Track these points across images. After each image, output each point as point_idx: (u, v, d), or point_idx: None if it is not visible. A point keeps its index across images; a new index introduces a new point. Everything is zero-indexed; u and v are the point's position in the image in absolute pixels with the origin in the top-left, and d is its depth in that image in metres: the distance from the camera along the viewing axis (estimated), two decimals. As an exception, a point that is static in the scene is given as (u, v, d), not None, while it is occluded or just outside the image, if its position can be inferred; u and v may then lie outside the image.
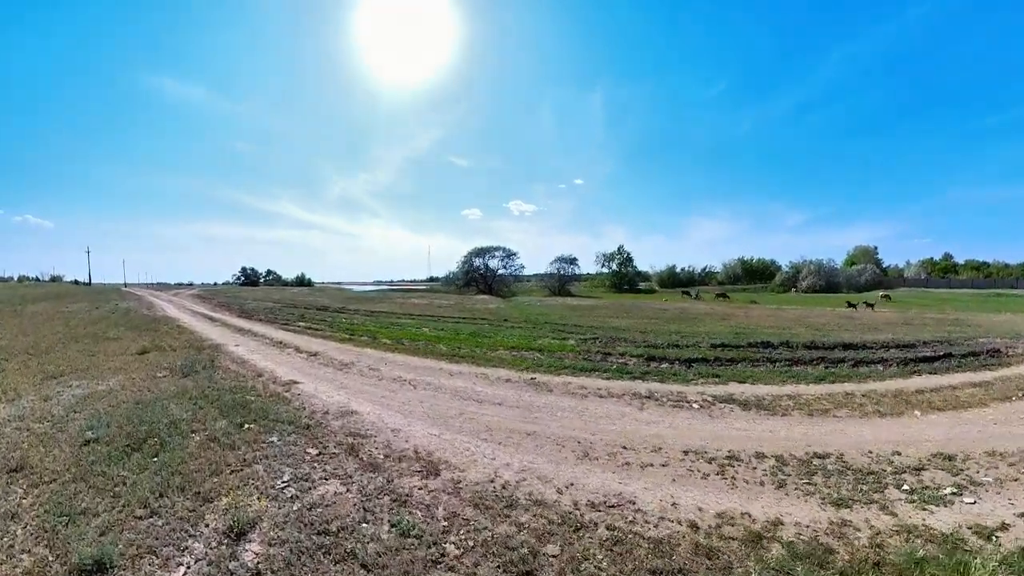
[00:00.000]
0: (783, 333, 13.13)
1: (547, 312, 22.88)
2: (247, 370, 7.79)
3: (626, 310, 25.34)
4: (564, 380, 7.61)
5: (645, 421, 5.51)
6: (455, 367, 8.61)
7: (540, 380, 7.62)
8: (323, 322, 16.14)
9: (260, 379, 7.17)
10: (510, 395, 6.77)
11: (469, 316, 19.70)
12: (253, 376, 7.32)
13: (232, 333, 13.18)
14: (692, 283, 71.24)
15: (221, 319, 17.42)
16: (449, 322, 16.92)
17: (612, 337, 12.39)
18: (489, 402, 6.40)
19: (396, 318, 18.31)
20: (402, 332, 13.35)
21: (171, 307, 23.58)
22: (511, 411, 5.98)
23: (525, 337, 12.91)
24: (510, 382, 7.58)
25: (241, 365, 8.21)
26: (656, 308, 27.80)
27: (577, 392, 6.90)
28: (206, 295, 35.10)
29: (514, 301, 33.25)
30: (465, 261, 53.52)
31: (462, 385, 7.32)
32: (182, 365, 7.80)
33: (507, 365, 8.78)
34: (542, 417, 5.73)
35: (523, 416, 5.77)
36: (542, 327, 15.61)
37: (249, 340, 11.80)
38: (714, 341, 10.98)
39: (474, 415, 5.75)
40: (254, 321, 16.57)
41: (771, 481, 3.82)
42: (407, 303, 28.22)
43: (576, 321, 18.22)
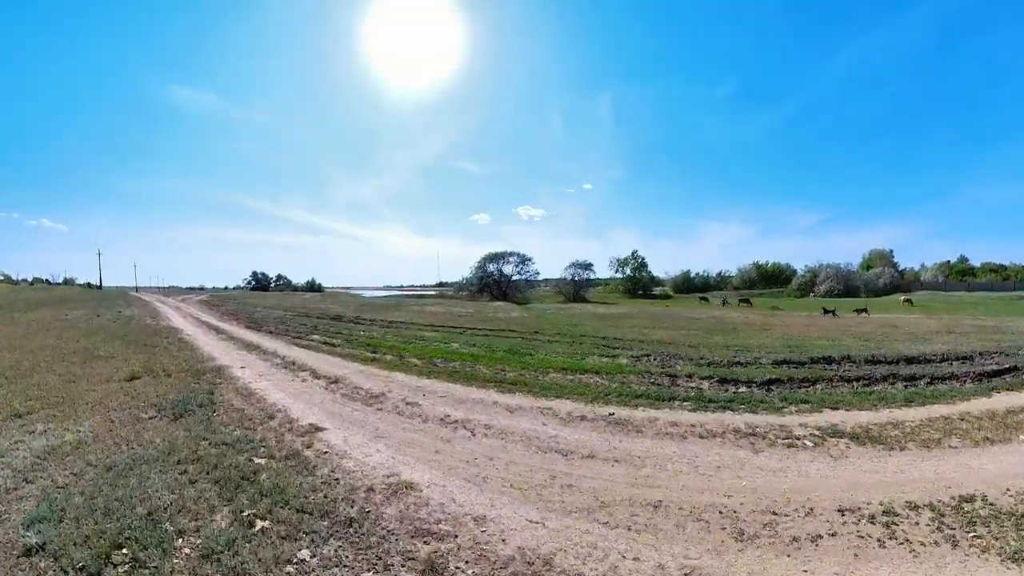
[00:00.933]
0: (836, 345, 12.17)
1: (576, 322, 21.24)
2: (254, 408, 6.22)
3: (658, 319, 23.69)
4: (647, 415, 6.09)
5: (771, 470, 4.50)
6: (510, 399, 7.02)
7: (620, 416, 6.06)
8: (339, 335, 14.62)
9: (271, 423, 5.59)
10: (597, 441, 5.21)
11: (495, 328, 18.11)
12: (262, 418, 5.75)
13: (238, 350, 11.67)
14: (707, 288, 69.95)
15: (228, 331, 15.98)
16: (477, 335, 15.34)
17: (665, 354, 10.94)
18: (577, 454, 4.84)
19: (418, 329, 16.76)
20: (430, 349, 11.78)
21: (177, 315, 22.24)
22: (612, 468, 4.49)
23: (569, 354, 11.41)
24: (586, 420, 6.00)
25: (247, 399, 6.65)
26: (687, 316, 26.13)
27: (672, 432, 5.51)
28: (215, 301, 33.85)
29: (533, 309, 31.64)
30: (479, 267, 52.02)
31: (529, 427, 5.72)
32: (175, 401, 6.26)
33: (569, 394, 7.20)
34: (655, 475, 4.33)
35: (631, 475, 4.32)
36: (580, 341, 14.07)
37: (257, 359, 10.28)
38: (774, 356, 10.00)
39: (569, 478, 4.20)
40: (263, 334, 15.09)
41: (943, 539, 3.29)
42: (424, 311, 26.70)
43: (612, 333, 16.68)
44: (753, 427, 5.61)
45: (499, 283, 50.82)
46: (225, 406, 6.18)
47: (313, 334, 14.71)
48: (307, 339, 13.59)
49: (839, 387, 7.82)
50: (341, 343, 12.81)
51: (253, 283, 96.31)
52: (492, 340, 13.96)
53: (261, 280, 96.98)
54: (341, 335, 14.55)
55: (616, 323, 21.62)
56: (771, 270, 74.87)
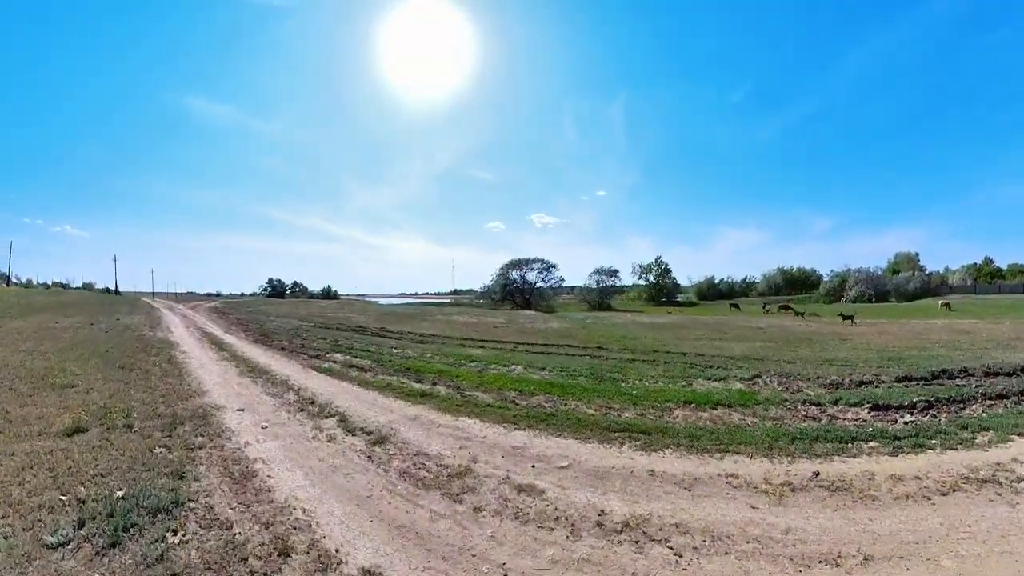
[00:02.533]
0: (931, 356, 11.12)
1: (631, 334, 18.27)
2: (252, 520, 3.38)
3: (717, 329, 20.72)
4: (855, 470, 4.37)
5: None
6: (660, 461, 4.58)
7: (829, 475, 4.23)
8: (366, 353, 11.86)
9: (288, 567, 2.78)
10: (843, 529, 3.28)
11: (545, 341, 15.25)
12: (269, 554, 2.92)
13: (240, 376, 8.93)
14: (732, 294, 67.58)
15: (232, 346, 13.32)
16: (533, 352, 12.48)
17: (774, 373, 9.22)
18: (850, 558, 2.52)
19: (459, 345, 13.95)
20: (491, 376, 8.93)
21: (180, 325, 19.74)
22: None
23: (667, 378, 9.01)
24: (794, 489, 3.97)
25: (240, 493, 3.79)
26: (744, 326, 23.10)
27: (911, 493, 3.86)
28: (226, 309, 31.51)
29: (568, 318, 28.68)
30: (501, 274, 49.19)
31: (740, 518, 3.51)
32: (110, 505, 3.45)
33: (728, 443, 5.13)
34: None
35: None
36: (662, 360, 11.35)
37: (263, 393, 7.51)
38: (887, 372, 9.01)
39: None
40: (274, 350, 12.40)
41: None
42: (453, 322, 23.91)
43: (684, 347, 14.06)
44: (973, 469, 4.34)
45: (522, 290, 47.96)
46: (200, 515, 3.35)
47: (335, 352, 11.97)
48: (328, 359, 10.84)
49: (994, 406, 6.83)
50: (372, 365, 10.03)
51: (269, 290, 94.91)
52: (557, 360, 11.10)
53: (277, 287, 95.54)
54: (369, 353, 11.78)
55: (676, 335, 18.72)
56: (796, 275, 72.01)
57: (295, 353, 11.77)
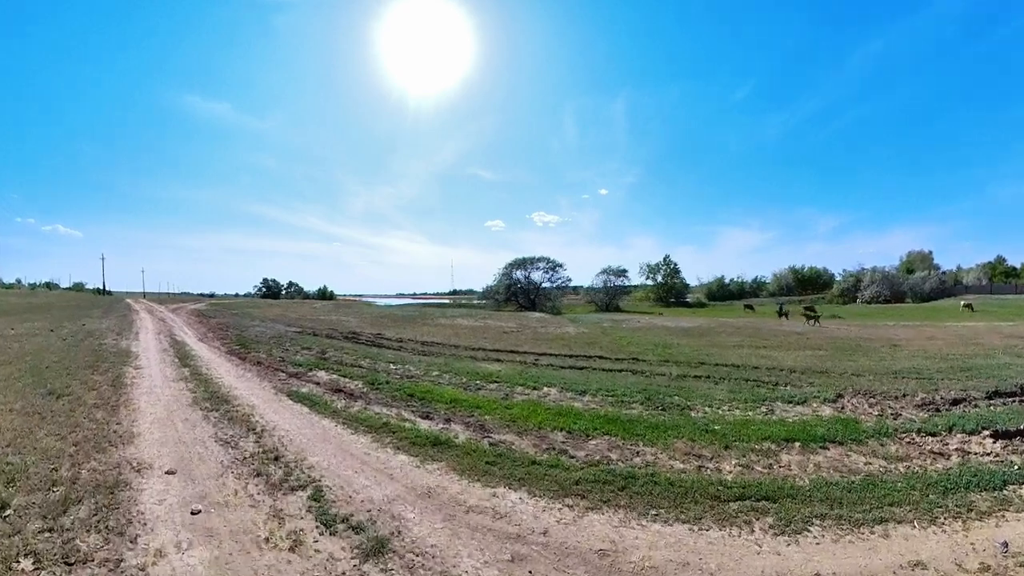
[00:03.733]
0: (1000, 365, 10.22)
1: (662, 341, 16.21)
2: None
3: (753, 334, 18.75)
4: None
5: None
6: (828, 559, 2.98)
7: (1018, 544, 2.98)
8: (359, 369, 9.76)
9: None
10: None
11: (569, 352, 13.18)
12: None
13: (192, 408, 6.79)
14: (743, 295, 66.05)
15: (200, 359, 11.20)
16: (563, 368, 10.40)
17: (857, 391, 7.92)
18: None
19: (469, 357, 11.85)
20: (523, 407, 6.81)
21: (150, 331, 17.57)
22: None
23: (736, 401, 7.38)
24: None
25: None
26: (777, 329, 21.16)
27: None
28: (210, 311, 29.32)
29: (582, 321, 26.60)
30: (504, 273, 47.04)
31: None
32: None
33: (876, 510, 3.78)
34: None
35: None
36: (709, 373, 9.71)
37: (213, 440, 5.39)
38: (978, 387, 7.97)
39: None
40: (247, 365, 10.28)
41: None
42: (458, 326, 21.81)
43: (726, 357, 12.24)
44: None
45: (526, 291, 45.85)
46: None
47: (319, 368, 9.85)
48: (309, 379, 8.74)
49: None
50: (364, 389, 7.94)
51: (264, 290, 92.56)
52: (594, 378, 9.05)
53: (272, 287, 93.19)
54: (362, 371, 9.68)
55: (712, 341, 16.73)
56: (808, 274, 70.42)
57: (271, 370, 9.66)
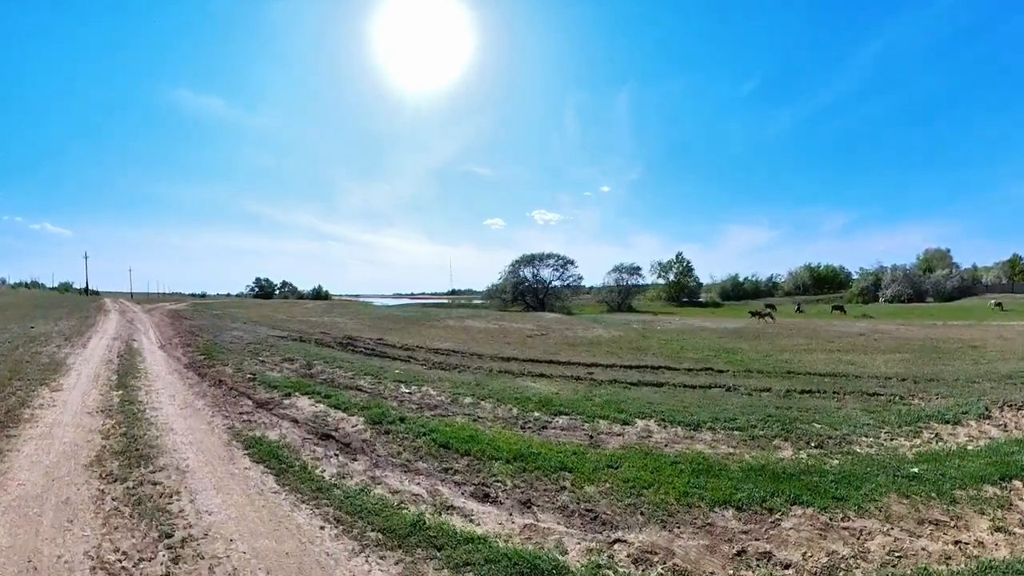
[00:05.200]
0: None
1: (717, 345, 13.47)
2: None
3: (808, 336, 16.21)
4: None
5: None
6: None
7: None
8: (358, 395, 6.94)
9: None
10: None
11: (621, 360, 10.43)
12: None
13: (85, 474, 3.92)
14: (758, 294, 63.77)
15: (145, 375, 8.37)
16: (633, 384, 7.61)
17: (997, 402, 6.05)
18: None
19: (501, 371, 9.05)
20: (630, 462, 4.00)
21: (107, 335, 14.71)
22: None
23: (888, 425, 5.14)
24: None
25: None
26: (829, 329, 18.61)
27: None
28: (187, 312, 26.45)
29: (605, 322, 23.85)
30: (511, 271, 44.25)
31: None
32: None
33: None
34: None
35: None
36: (814, 387, 7.14)
37: (83, 560, 2.62)
38: None
39: None
40: (205, 385, 7.45)
41: None
42: (470, 328, 19.02)
43: (808, 363, 10.22)
44: None
45: (535, 290, 43.07)
46: None
47: (301, 392, 7.00)
48: (285, 412, 5.93)
49: None
50: (366, 433, 5.13)
51: (256, 290, 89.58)
52: (687, 399, 6.28)
53: (265, 287, 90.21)
54: (362, 396, 6.87)
55: (773, 345, 14.22)
56: (824, 273, 68.19)
57: (234, 394, 6.84)
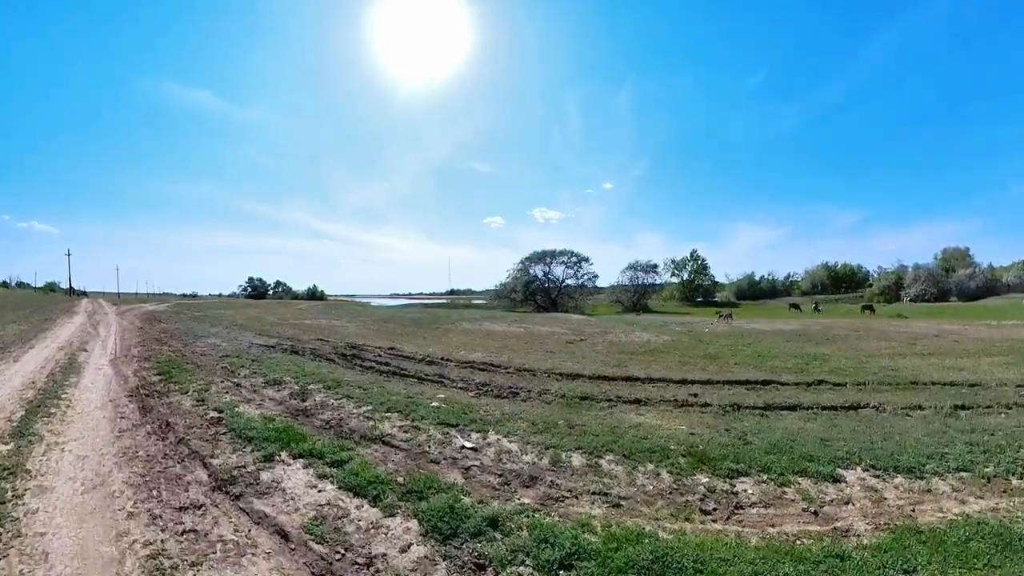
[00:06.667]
0: None
1: (800, 352, 10.90)
2: None
3: (878, 338, 13.68)
4: None
5: None
6: None
7: None
8: (388, 454, 4.23)
9: None
10: None
11: (733, 376, 7.81)
12: None
13: None
14: (775, 293, 61.96)
15: (69, 406, 5.63)
16: (772, 408, 5.01)
17: None
18: None
19: (584, 398, 6.38)
20: None
21: (59, 339, 11.92)
22: None
23: None
24: None
25: None
26: (890, 330, 16.20)
27: None
28: (167, 314, 23.61)
29: (639, 323, 21.25)
30: (521, 269, 41.52)
31: None
32: None
33: None
34: None
35: None
36: (961, 400, 4.00)
37: None
38: None
39: None
40: (141, 434, 4.73)
41: None
42: (491, 332, 16.33)
43: (922, 373, 8.03)
44: None
45: (546, 289, 40.40)
46: None
47: (290, 448, 4.30)
48: (260, 506, 3.24)
49: None
50: (436, 569, 2.48)
51: (249, 290, 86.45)
52: (829, 429, 3.70)
53: (257, 287, 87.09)
54: (392, 455, 4.18)
55: (860, 349, 11.94)
56: (842, 272, 66.34)
57: (183, 456, 4.12)
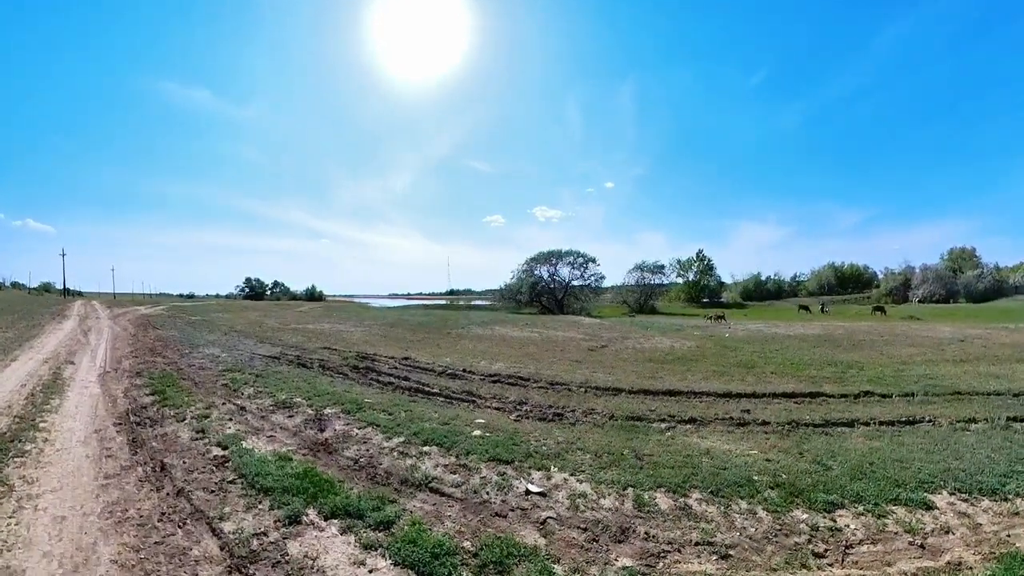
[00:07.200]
0: None
1: (831, 359, 10.13)
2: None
3: (915, 344, 12.86)
4: None
5: None
6: None
7: None
8: (439, 507, 3.37)
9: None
10: None
11: (749, 387, 7.02)
12: None
13: None
14: (781, 294, 61.42)
15: (45, 448, 4.79)
16: (811, 424, 4.22)
17: None
18: None
19: (635, 419, 5.58)
20: None
21: (42, 351, 11.04)
22: None
23: None
24: None
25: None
26: (935, 337, 15.24)
27: None
28: (163, 318, 22.71)
29: (654, 325, 20.51)
30: (525, 270, 40.71)
31: None
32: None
33: None
34: None
35: None
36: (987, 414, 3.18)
37: None
38: None
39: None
40: (132, 480, 3.90)
41: None
42: (510, 339, 15.51)
43: (982, 382, 7.20)
44: None
45: (552, 290, 39.61)
46: None
47: (317, 503, 3.47)
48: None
49: None
50: None
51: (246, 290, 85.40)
52: (896, 447, 2.90)
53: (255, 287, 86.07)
54: (444, 507, 3.35)
55: (895, 356, 10.99)
56: (848, 272, 65.96)
57: (184, 516, 3.31)
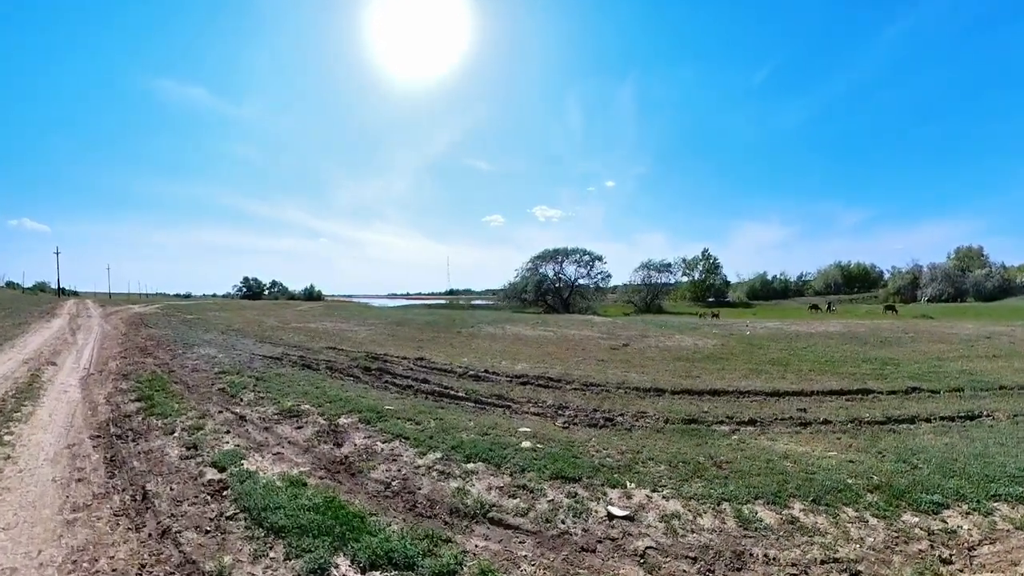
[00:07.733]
0: None
1: (872, 356, 9.32)
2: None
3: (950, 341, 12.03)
4: None
5: None
6: None
7: None
8: (513, 565, 2.62)
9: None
10: None
11: (794, 385, 6.20)
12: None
13: None
14: (787, 293, 60.94)
15: (5, 468, 3.91)
16: (872, 422, 3.40)
17: None
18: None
19: (690, 422, 4.75)
20: None
21: (24, 350, 10.11)
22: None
23: None
24: None
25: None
26: (958, 335, 14.44)
27: None
28: (156, 317, 21.77)
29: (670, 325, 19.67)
30: (530, 268, 39.83)
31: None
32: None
33: None
34: None
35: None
36: None
37: None
38: None
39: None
40: (104, 516, 3.04)
41: None
42: (524, 337, 14.64)
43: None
44: None
45: (558, 289, 38.77)
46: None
47: (352, 570, 2.66)
48: None
49: None
50: None
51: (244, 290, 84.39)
52: (974, 447, 2.06)
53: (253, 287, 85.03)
54: (517, 566, 2.53)
55: (917, 351, 9.97)
56: (855, 272, 65.43)
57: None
